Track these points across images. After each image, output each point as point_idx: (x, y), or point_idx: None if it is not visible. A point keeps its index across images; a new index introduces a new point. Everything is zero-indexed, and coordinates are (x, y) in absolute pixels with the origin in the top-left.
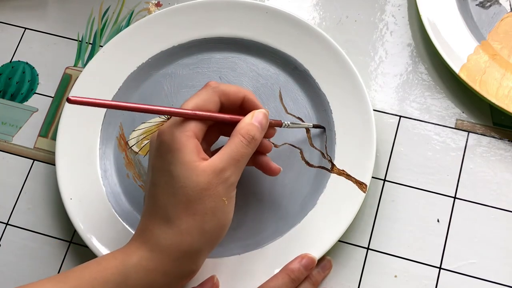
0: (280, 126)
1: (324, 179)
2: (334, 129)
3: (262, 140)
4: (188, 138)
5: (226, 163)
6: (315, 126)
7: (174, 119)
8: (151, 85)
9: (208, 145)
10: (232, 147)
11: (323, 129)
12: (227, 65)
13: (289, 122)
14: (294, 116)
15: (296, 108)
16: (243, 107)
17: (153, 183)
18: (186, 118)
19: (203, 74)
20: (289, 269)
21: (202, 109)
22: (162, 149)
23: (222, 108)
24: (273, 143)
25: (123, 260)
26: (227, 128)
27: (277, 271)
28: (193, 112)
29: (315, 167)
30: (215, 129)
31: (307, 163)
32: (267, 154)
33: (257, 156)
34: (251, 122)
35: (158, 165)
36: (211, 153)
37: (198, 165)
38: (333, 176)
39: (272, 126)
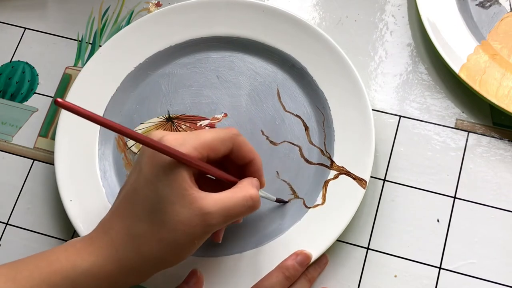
0: None
1: (323, 176)
2: (333, 126)
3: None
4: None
5: (217, 210)
6: (277, 201)
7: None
8: (149, 85)
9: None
10: (232, 199)
11: (284, 203)
12: (224, 64)
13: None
14: (292, 113)
15: (294, 105)
16: (246, 168)
17: (135, 188)
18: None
19: (200, 74)
20: (283, 266)
21: (213, 148)
22: (156, 159)
23: (228, 156)
24: (272, 142)
25: (74, 264)
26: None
27: None
28: (196, 161)
29: (314, 164)
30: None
31: (307, 160)
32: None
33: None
34: (257, 192)
35: (147, 173)
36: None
37: (188, 194)
38: (333, 173)
39: None
